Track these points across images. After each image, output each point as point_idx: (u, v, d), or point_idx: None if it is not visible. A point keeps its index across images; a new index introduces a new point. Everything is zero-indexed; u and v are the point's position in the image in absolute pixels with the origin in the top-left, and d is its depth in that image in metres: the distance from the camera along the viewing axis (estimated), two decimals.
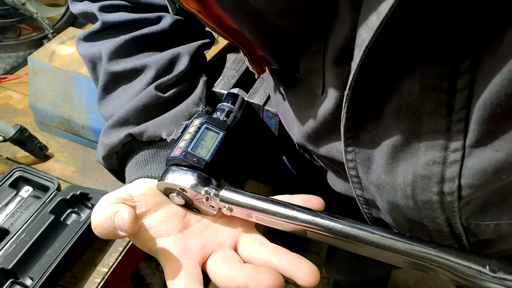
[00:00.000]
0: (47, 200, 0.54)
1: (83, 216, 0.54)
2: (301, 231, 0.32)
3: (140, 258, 0.61)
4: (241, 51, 0.35)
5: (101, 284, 0.50)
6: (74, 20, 0.92)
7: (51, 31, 0.83)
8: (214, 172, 0.36)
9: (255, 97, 0.45)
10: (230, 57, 0.52)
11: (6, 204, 0.55)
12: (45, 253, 0.49)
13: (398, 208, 0.30)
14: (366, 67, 0.23)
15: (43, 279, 0.46)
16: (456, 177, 0.25)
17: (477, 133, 0.23)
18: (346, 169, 0.31)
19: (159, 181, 0.35)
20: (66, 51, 0.63)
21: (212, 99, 0.47)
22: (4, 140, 0.58)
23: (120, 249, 0.54)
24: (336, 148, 0.33)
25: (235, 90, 0.45)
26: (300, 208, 0.32)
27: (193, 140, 0.36)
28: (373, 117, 0.27)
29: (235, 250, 0.34)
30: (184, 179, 0.33)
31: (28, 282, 0.47)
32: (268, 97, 0.45)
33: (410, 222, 0.32)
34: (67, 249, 0.49)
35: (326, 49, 0.28)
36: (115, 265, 0.52)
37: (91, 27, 0.44)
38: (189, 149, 0.35)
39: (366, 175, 0.30)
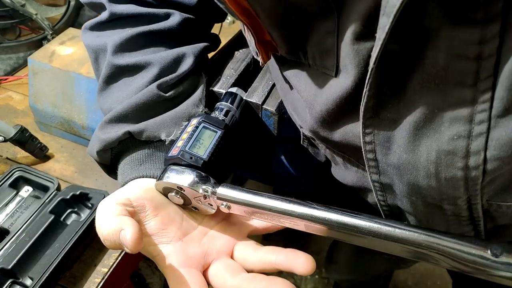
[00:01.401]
0: (47, 200, 0.54)
1: (83, 216, 0.54)
2: (299, 225, 0.32)
3: (140, 258, 0.61)
4: (248, 32, 0.35)
5: (100, 284, 0.50)
6: (74, 21, 0.92)
7: (50, 32, 0.83)
8: (212, 170, 0.36)
9: (254, 96, 0.45)
10: (229, 56, 0.52)
11: (6, 204, 0.55)
12: (45, 253, 0.49)
13: (419, 190, 0.30)
14: (390, 39, 0.23)
15: (43, 279, 0.46)
16: (481, 150, 0.25)
17: (505, 101, 0.22)
18: (363, 152, 0.30)
19: (157, 180, 0.35)
20: (65, 51, 0.63)
21: (210, 99, 0.47)
22: (5, 140, 0.59)
23: None
24: (352, 132, 0.32)
25: (234, 89, 0.45)
26: (297, 201, 0.32)
27: (191, 139, 0.37)
28: (394, 93, 0.26)
29: (232, 257, 0.34)
30: (182, 178, 0.34)
31: (28, 282, 0.47)
32: (267, 96, 0.45)
33: (429, 207, 0.32)
34: (67, 249, 0.49)
35: (340, 27, 0.27)
36: (114, 265, 0.52)
37: (99, 17, 0.44)
38: (186, 148, 0.36)
39: (385, 156, 0.30)
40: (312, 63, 0.32)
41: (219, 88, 0.46)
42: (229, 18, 0.93)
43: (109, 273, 0.51)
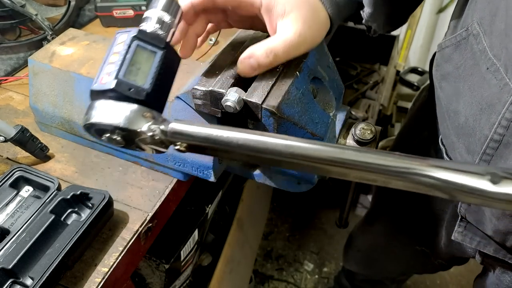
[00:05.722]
0: (47, 200, 0.54)
1: (83, 216, 0.54)
2: (278, 163, 0.28)
3: (140, 257, 0.61)
4: None
5: (101, 284, 0.50)
6: (74, 21, 0.92)
7: (50, 33, 0.83)
8: (155, 104, 0.29)
9: (254, 96, 0.45)
10: (229, 56, 0.52)
11: (7, 204, 0.55)
12: (45, 253, 0.49)
13: None
14: None
15: (44, 279, 0.46)
16: None
17: None
18: None
19: (86, 121, 0.28)
20: (66, 51, 0.63)
21: (211, 99, 0.47)
22: (5, 141, 0.59)
23: (120, 248, 0.54)
24: None
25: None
26: (271, 134, 0.27)
27: (124, 64, 0.28)
28: None
29: None
30: (118, 115, 0.27)
31: (29, 281, 0.47)
32: (267, 96, 0.45)
33: None
34: (68, 248, 0.49)
35: None
36: (115, 264, 0.52)
37: None
38: (121, 77, 0.28)
39: None
40: None
41: (219, 88, 0.47)
42: None
43: (109, 273, 0.52)
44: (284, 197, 1.79)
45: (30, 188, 0.57)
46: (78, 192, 0.54)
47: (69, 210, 0.54)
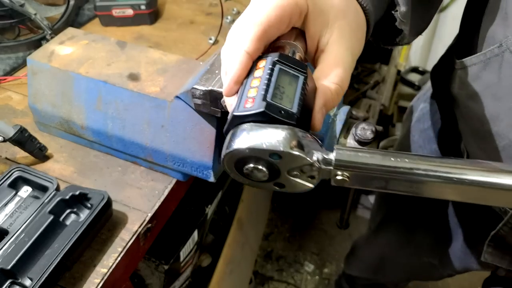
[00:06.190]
0: (46, 200, 0.54)
1: (82, 216, 0.54)
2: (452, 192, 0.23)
3: (139, 258, 0.60)
4: None
5: (100, 285, 0.50)
6: (73, 20, 0.92)
7: (49, 32, 0.83)
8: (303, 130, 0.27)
9: None
10: None
11: (5, 204, 0.55)
12: (44, 254, 0.49)
13: None
14: None
15: (42, 280, 0.46)
16: None
17: None
18: None
19: (230, 150, 0.24)
20: (65, 51, 0.63)
21: (210, 99, 0.46)
22: (4, 141, 0.58)
23: (119, 249, 0.53)
24: None
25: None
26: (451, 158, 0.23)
27: (270, 87, 0.26)
28: None
29: None
30: (278, 138, 0.23)
31: (27, 282, 0.47)
32: None
33: None
34: (66, 249, 0.49)
35: None
36: (114, 265, 0.52)
37: None
38: (269, 99, 0.26)
39: None
40: None
41: (219, 87, 0.46)
42: (229, 17, 0.93)
43: (108, 273, 0.51)
44: (284, 198, 1.79)
45: (29, 188, 0.57)
46: (77, 193, 0.54)
47: (68, 211, 0.54)
